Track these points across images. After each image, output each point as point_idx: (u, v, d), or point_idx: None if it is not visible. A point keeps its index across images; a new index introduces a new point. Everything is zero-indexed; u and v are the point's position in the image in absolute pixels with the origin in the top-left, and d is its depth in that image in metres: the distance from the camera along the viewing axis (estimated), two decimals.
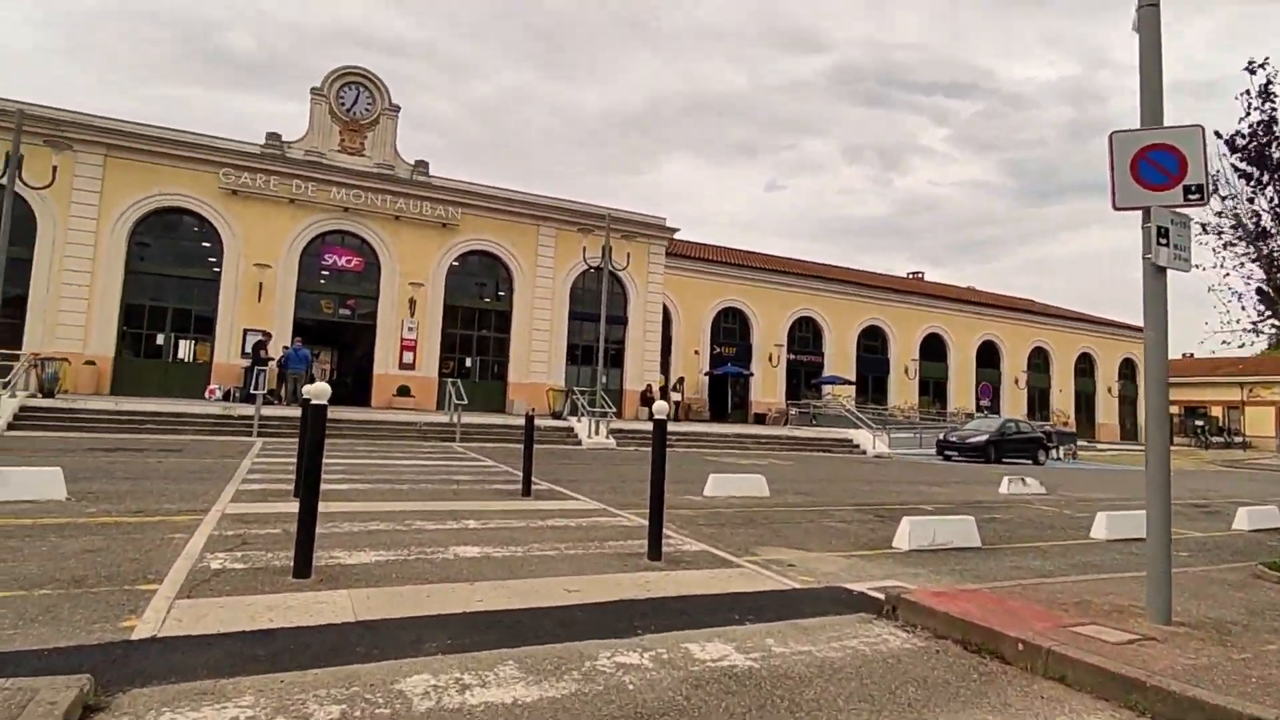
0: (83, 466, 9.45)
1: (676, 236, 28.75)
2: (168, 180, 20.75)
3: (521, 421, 18.37)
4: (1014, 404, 39.55)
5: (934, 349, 38.41)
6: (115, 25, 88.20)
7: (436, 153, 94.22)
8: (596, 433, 18.85)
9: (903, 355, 37.02)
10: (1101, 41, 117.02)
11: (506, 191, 25.27)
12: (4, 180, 13.51)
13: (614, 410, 20.77)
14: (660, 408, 6.01)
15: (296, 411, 12.19)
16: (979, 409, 35.01)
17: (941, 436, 23.92)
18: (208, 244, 21.65)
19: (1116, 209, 4.80)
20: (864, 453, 22.42)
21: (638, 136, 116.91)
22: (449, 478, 10.50)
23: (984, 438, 22.45)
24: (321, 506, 7.30)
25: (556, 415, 22.00)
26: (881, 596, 4.81)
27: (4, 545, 5.22)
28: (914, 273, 46.35)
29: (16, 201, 18.42)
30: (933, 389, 38.25)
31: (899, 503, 10.63)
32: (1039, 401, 41.45)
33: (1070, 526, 9.29)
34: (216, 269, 21.48)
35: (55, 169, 14.66)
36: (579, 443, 18.57)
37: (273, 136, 22.12)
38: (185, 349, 21.78)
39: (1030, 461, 23.15)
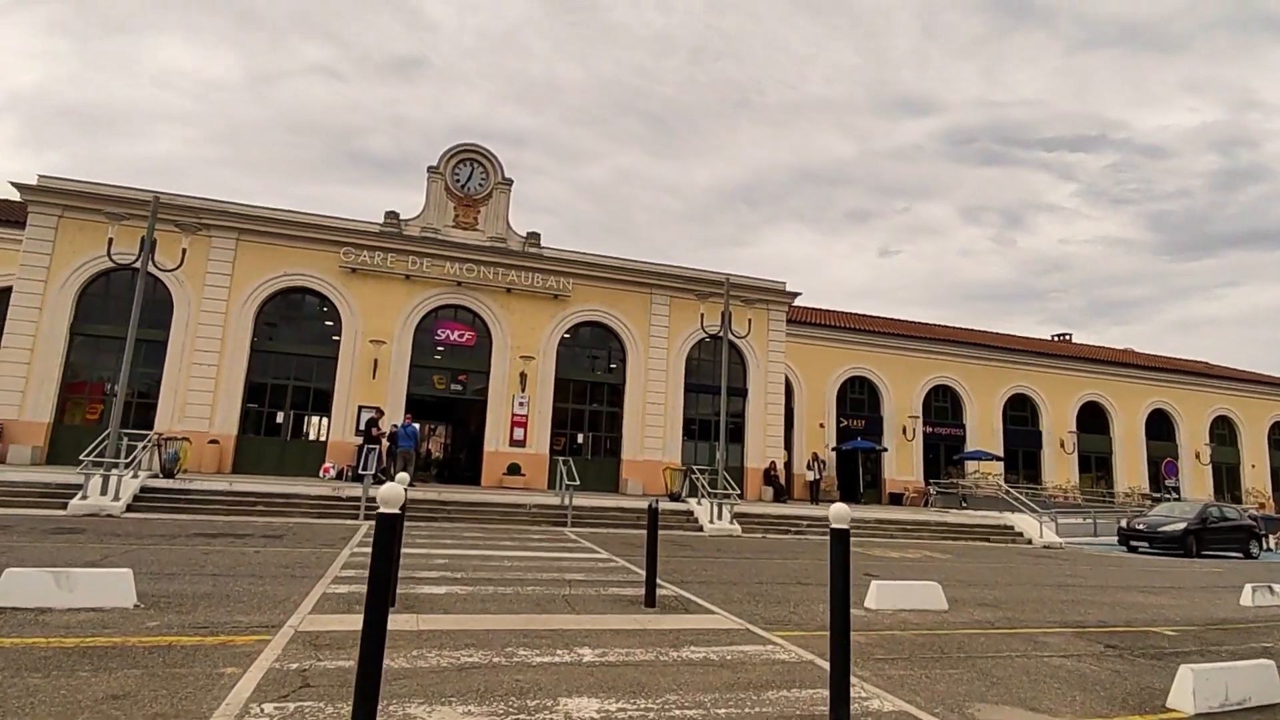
0: (174, 559, 8.76)
1: (793, 304, 27.09)
2: (292, 261, 21.36)
3: (636, 504, 17.16)
4: (1197, 482, 34.35)
5: (1093, 419, 34.10)
6: (274, 135, 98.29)
7: (549, 232, 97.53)
8: (719, 517, 17.06)
9: (1056, 427, 33.00)
10: (1247, 83, 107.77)
11: (618, 260, 24.60)
12: (137, 264, 13.81)
13: (737, 492, 18.95)
14: (841, 513, 4.39)
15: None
16: (1164, 489, 30.17)
17: (1124, 523, 20.27)
18: (329, 322, 22.00)
19: None
20: (1029, 542, 19.31)
21: (746, 210, 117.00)
22: (560, 577, 9.11)
23: (1181, 526, 18.80)
24: (411, 623, 6.12)
25: (674, 497, 20.39)
26: None
27: (23, 683, 4.20)
28: (1060, 335, 42.17)
29: (158, 286, 19.41)
30: (1094, 465, 33.81)
31: (1123, 622, 8.29)
32: (1226, 479, 35.90)
33: None
34: (335, 346, 21.70)
35: (184, 251, 15.00)
36: (700, 528, 16.82)
37: (391, 215, 22.51)
38: (303, 427, 21.92)
39: (1240, 555, 19.27)
